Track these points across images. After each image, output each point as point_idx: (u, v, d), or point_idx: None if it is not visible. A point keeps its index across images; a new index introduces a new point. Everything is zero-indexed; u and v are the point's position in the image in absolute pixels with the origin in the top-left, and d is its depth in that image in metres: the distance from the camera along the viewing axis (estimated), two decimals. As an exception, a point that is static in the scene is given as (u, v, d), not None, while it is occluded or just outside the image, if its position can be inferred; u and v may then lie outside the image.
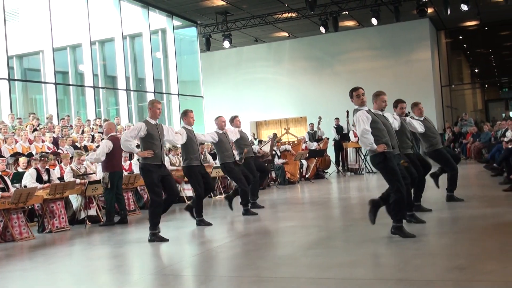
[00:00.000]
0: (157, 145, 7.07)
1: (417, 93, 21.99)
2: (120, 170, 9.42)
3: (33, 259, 6.69)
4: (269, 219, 8.60)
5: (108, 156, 9.04)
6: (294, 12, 19.88)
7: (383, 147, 6.07)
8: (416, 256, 5.17)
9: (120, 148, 9.02)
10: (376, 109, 6.93)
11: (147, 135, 7.06)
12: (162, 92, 19.96)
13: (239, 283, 4.78)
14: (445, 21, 22.44)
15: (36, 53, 17.35)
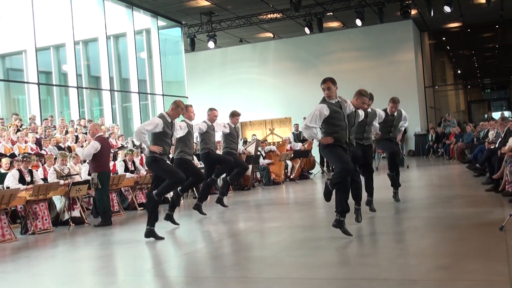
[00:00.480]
0: (167, 142, 7.34)
1: (400, 94, 21.96)
2: (108, 171, 9.34)
3: (16, 261, 6.61)
4: (254, 220, 8.60)
5: (96, 157, 8.97)
6: (279, 13, 19.92)
7: (329, 140, 6.23)
8: (401, 256, 5.21)
9: (108, 149, 9.00)
10: (354, 105, 7.10)
11: (161, 132, 7.31)
12: (146, 93, 19.86)
13: (224, 283, 4.77)
14: (429, 22, 22.63)
15: (19, 53, 17.16)
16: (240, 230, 7.68)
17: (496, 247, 5.25)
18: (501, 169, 9.02)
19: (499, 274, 4.35)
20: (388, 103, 9.05)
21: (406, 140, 22.06)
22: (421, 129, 22.33)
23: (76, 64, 16.95)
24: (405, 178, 13.69)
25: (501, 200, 8.24)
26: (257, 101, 24.38)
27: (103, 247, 7.08)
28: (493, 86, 31.20)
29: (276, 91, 24.33)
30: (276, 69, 24.52)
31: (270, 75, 24.58)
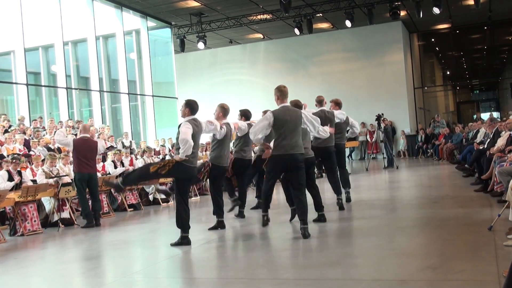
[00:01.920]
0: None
1: (390, 95, 22.28)
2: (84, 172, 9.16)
3: (4, 263, 6.57)
4: (245, 221, 8.59)
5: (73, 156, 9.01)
6: (269, 14, 19.93)
7: (268, 147, 6.60)
8: (390, 256, 5.23)
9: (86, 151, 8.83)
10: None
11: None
12: (136, 94, 19.79)
13: (214, 285, 4.77)
14: (418, 24, 22.74)
15: (7, 53, 17.03)
16: (230, 232, 7.67)
17: (484, 247, 5.29)
18: (489, 170, 9.08)
19: (487, 274, 4.38)
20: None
21: (396, 141, 22.15)
22: (411, 130, 22.44)
23: (65, 64, 16.85)
24: (395, 178, 13.77)
25: (490, 200, 8.30)
26: (247, 102, 24.29)
27: (93, 249, 7.05)
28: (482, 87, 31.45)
29: (266, 92, 24.23)
30: (266, 70, 24.52)
31: (260, 76, 24.59)
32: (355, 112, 22.47)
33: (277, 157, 6.62)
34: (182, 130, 6.52)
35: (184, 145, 6.38)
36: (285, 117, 6.81)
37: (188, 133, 6.45)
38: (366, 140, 22.40)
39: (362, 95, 22.70)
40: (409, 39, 24.21)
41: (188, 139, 6.38)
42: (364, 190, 11.70)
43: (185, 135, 6.41)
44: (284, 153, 6.55)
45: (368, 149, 22.14)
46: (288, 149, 6.55)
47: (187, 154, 6.42)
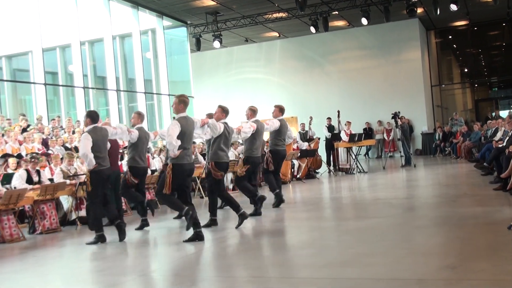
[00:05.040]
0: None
1: (407, 93, 22.13)
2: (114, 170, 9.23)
3: (24, 261, 6.64)
4: (261, 219, 8.59)
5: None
6: (284, 12, 19.89)
7: (178, 154, 6.59)
8: (408, 256, 5.19)
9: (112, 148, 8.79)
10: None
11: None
12: (152, 93, 19.89)
13: (231, 283, 4.78)
14: (435, 21, 22.55)
15: (25, 53, 17.22)
16: (247, 230, 7.67)
17: (504, 246, 5.23)
18: (509, 168, 8.97)
19: (507, 273, 4.33)
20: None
21: (413, 139, 22.01)
22: (428, 128, 22.26)
23: (82, 64, 17.00)
24: (412, 177, 13.67)
25: (509, 199, 8.21)
26: (262, 100, 24.32)
27: (110, 247, 7.09)
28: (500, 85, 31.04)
29: (282, 90, 24.30)
30: (281, 69, 24.49)
31: (276, 74, 24.56)
32: (372, 110, 22.42)
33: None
34: (81, 143, 7.19)
35: (85, 159, 7.05)
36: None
37: (88, 146, 7.03)
38: (383, 138, 22.29)
39: (379, 93, 22.58)
40: (426, 37, 24.01)
41: (88, 153, 6.98)
42: (381, 189, 11.64)
43: (84, 149, 7.01)
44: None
45: (385, 148, 22.02)
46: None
47: (92, 165, 7.03)
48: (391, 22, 20.00)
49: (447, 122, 22.02)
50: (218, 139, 7.84)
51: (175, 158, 6.66)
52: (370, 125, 22.49)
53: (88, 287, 5.24)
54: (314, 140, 16.51)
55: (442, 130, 20.88)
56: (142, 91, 19.06)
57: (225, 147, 7.90)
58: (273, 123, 9.43)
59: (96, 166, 7.08)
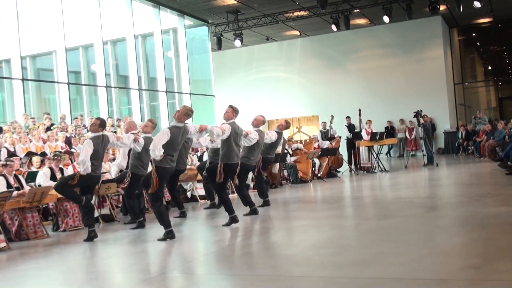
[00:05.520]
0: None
1: (429, 91, 21.92)
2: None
3: (48, 258, 6.75)
4: (282, 218, 8.60)
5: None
6: (305, 10, 19.85)
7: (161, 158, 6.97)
8: (429, 255, 5.15)
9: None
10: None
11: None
12: (174, 92, 20.01)
13: (252, 281, 4.79)
14: (458, 18, 22.29)
15: (49, 53, 17.47)
16: (267, 228, 7.69)
17: (528, 247, 5.16)
18: (533, 167, 8.84)
19: (531, 274, 4.28)
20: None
21: (436, 137, 21.80)
22: (451, 127, 22.02)
23: (104, 63, 17.18)
24: (434, 176, 13.55)
25: (533, 198, 8.09)
26: (283, 99, 24.36)
27: (133, 244, 7.16)
28: (525, 82, 30.54)
29: (303, 89, 24.27)
30: (302, 67, 24.45)
31: (297, 73, 24.53)
32: (393, 108, 22.27)
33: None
34: (82, 149, 7.62)
35: (83, 165, 7.49)
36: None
37: (88, 153, 7.44)
38: (405, 137, 22.12)
39: (401, 92, 22.42)
40: (449, 34, 23.75)
41: (86, 160, 7.40)
42: (403, 188, 11.56)
43: (84, 156, 7.44)
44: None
45: (407, 146, 21.85)
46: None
47: (87, 171, 7.46)
48: (413, 20, 19.84)
49: (470, 121, 21.74)
50: (227, 141, 7.98)
51: (159, 161, 7.06)
52: (392, 123, 22.33)
53: (112, 284, 5.30)
54: (335, 139, 16.45)
55: (465, 129, 20.63)
56: (164, 90, 19.19)
57: (236, 147, 8.09)
58: (271, 135, 9.69)
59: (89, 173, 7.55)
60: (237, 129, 8.11)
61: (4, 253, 7.19)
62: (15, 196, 7.98)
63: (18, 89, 14.97)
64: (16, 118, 13.84)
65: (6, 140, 10.90)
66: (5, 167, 8.43)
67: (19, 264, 6.56)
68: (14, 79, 15.18)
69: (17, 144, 11.11)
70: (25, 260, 6.77)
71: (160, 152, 6.95)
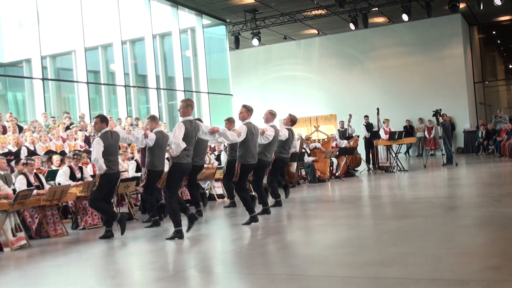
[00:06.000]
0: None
1: (448, 90, 21.71)
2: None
3: (68, 255, 6.81)
4: (299, 217, 8.58)
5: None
6: (323, 9, 19.78)
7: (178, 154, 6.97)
8: (449, 256, 5.10)
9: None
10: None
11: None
12: (191, 91, 20.07)
13: (270, 280, 4.79)
14: (478, 16, 22.04)
15: (69, 53, 17.62)
16: (285, 227, 7.68)
17: (550, 248, 5.08)
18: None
19: (553, 275, 4.21)
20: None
21: (455, 137, 21.59)
22: (471, 126, 21.78)
23: (123, 63, 17.30)
24: (454, 176, 13.42)
25: (556, 199, 7.96)
26: (301, 98, 24.29)
27: (152, 242, 7.20)
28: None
29: (321, 88, 24.19)
30: (320, 66, 24.37)
31: (315, 72, 24.46)
32: (412, 107, 22.10)
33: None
34: (93, 148, 7.58)
35: (96, 163, 7.45)
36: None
37: (100, 151, 7.41)
38: (424, 136, 21.95)
39: (420, 90, 22.24)
40: (469, 32, 23.49)
41: (99, 158, 7.38)
42: (422, 188, 11.46)
43: (96, 154, 7.41)
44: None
45: (426, 146, 21.67)
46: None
47: (102, 170, 7.42)
48: (432, 18, 19.69)
49: (491, 120, 21.48)
50: (244, 142, 7.98)
51: (176, 157, 7.03)
52: (411, 122, 22.17)
53: (131, 282, 5.34)
54: (353, 138, 16.37)
55: (485, 128, 20.38)
56: (182, 89, 19.26)
57: (253, 148, 8.06)
58: (284, 132, 9.42)
59: (106, 169, 7.48)
60: (253, 130, 8.07)
61: (25, 251, 7.28)
62: (35, 194, 8.07)
63: (38, 88, 15.15)
64: (37, 117, 13.99)
65: (26, 139, 11.03)
66: (26, 166, 8.54)
67: (39, 261, 6.64)
68: (34, 78, 15.35)
69: (37, 143, 11.24)
70: (45, 257, 6.84)
71: (184, 145, 6.91)
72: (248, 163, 8.00)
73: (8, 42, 17.63)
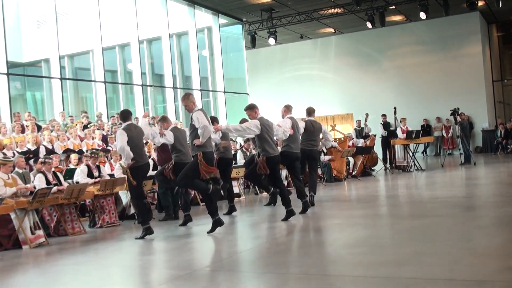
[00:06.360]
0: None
1: (466, 89, 21.51)
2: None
3: (85, 253, 6.88)
4: (316, 217, 8.56)
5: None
6: (340, 7, 19.71)
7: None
8: (467, 256, 5.06)
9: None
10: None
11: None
12: (208, 90, 20.13)
13: (286, 280, 4.79)
14: (497, 14, 21.80)
15: (86, 52, 17.77)
16: (302, 227, 7.67)
17: None
18: None
19: None
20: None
21: (473, 136, 21.38)
22: (489, 125, 21.56)
23: (140, 62, 17.42)
24: (472, 175, 13.29)
25: None
26: (318, 97, 24.22)
27: (169, 241, 7.24)
28: None
29: (337, 87, 24.11)
30: (337, 65, 24.29)
31: (331, 71, 24.39)
32: (430, 106, 21.92)
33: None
34: (117, 139, 7.63)
35: (123, 152, 7.42)
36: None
37: (124, 140, 7.35)
38: (441, 136, 21.77)
39: (437, 89, 22.06)
40: (487, 30, 23.25)
41: (124, 146, 7.32)
42: (439, 187, 11.37)
43: (121, 143, 7.35)
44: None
45: (444, 145, 21.49)
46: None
47: (130, 158, 7.37)
48: (450, 16, 19.51)
49: (510, 119, 21.24)
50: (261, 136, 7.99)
51: (203, 146, 7.24)
52: (428, 122, 22.01)
53: (147, 280, 5.37)
54: (370, 137, 16.29)
55: (504, 127, 20.16)
56: (198, 88, 19.33)
57: (270, 140, 8.07)
58: (301, 124, 9.34)
59: (134, 162, 7.41)
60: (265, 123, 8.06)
61: (43, 248, 7.36)
62: (54, 192, 8.15)
63: (56, 88, 15.31)
64: (55, 116, 14.14)
65: (44, 138, 11.15)
66: (44, 164, 8.63)
67: (57, 259, 6.71)
68: (53, 78, 15.51)
69: (55, 142, 11.36)
70: (63, 255, 6.91)
71: (213, 128, 7.22)
72: (270, 155, 7.99)
73: (27, 42, 17.82)
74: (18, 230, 7.44)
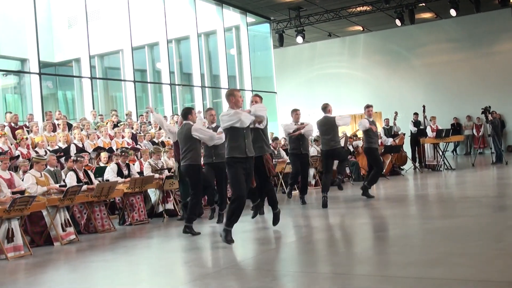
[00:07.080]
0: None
1: (498, 87, 21.11)
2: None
3: (115, 251, 6.97)
4: (344, 215, 8.52)
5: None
6: (369, 5, 19.56)
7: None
8: (499, 257, 4.97)
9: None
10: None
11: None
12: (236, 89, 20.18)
13: (313, 279, 4.77)
14: (530, 10, 21.35)
15: (116, 52, 17.99)
16: (329, 226, 7.63)
17: None
18: None
19: None
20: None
21: (505, 134, 20.98)
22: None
23: (169, 62, 17.57)
24: (504, 175, 13.05)
25: None
26: (346, 96, 24.07)
27: (195, 239, 7.28)
28: None
29: (366, 85, 23.91)
30: (365, 63, 24.09)
31: (360, 69, 24.20)
32: (460, 104, 21.59)
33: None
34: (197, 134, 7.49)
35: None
36: None
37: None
38: (472, 134, 21.43)
39: (468, 87, 21.71)
40: (520, 27, 22.78)
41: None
42: (470, 187, 11.20)
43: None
44: None
45: (475, 144, 21.15)
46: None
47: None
48: (481, 12, 19.17)
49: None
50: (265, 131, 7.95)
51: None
52: (459, 120, 21.69)
53: (175, 278, 5.42)
54: (399, 136, 16.11)
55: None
56: (226, 87, 19.39)
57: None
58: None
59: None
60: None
61: (74, 245, 7.49)
62: (84, 190, 8.28)
63: (87, 87, 15.53)
64: (85, 115, 14.36)
65: (75, 137, 11.33)
66: (76, 163, 8.77)
67: (87, 256, 6.81)
68: (83, 77, 15.74)
69: (86, 140, 11.53)
70: (93, 252, 7.02)
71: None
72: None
73: (59, 43, 18.13)
74: (50, 227, 7.58)
